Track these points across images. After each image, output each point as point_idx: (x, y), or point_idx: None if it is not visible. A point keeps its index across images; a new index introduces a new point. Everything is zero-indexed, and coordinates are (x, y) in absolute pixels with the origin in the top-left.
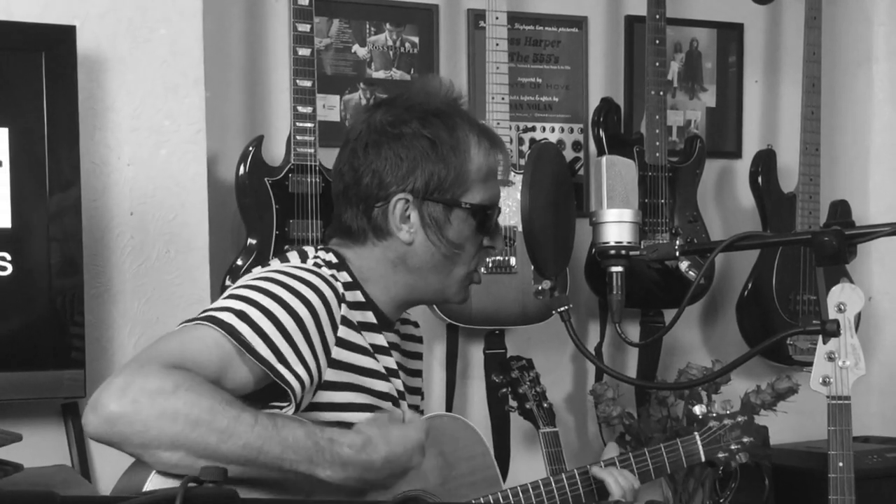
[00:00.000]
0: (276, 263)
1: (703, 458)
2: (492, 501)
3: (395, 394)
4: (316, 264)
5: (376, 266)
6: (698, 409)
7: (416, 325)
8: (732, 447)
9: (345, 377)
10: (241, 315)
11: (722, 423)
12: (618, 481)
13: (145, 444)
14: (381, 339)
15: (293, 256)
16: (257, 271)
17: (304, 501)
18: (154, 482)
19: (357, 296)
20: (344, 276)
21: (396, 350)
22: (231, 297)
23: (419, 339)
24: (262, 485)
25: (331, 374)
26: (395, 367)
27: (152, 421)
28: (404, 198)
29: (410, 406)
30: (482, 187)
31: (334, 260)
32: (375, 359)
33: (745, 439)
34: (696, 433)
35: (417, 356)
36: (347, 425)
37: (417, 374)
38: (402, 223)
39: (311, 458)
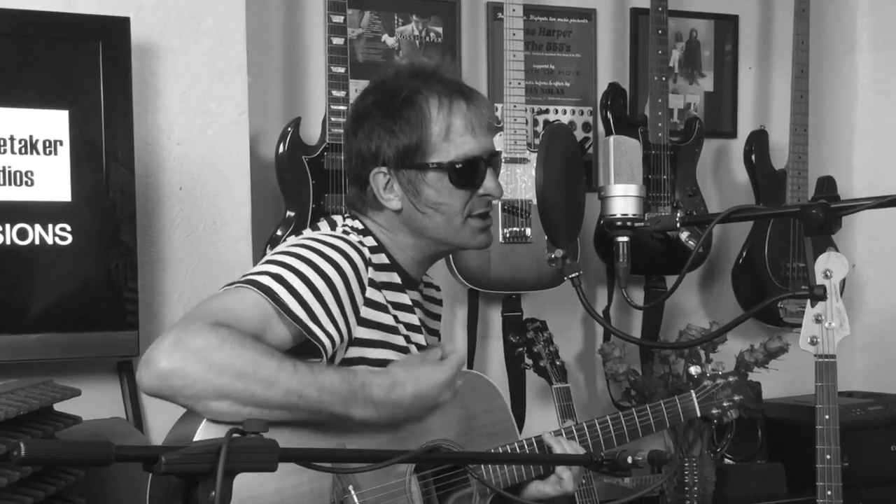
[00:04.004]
0: (308, 232)
1: (698, 414)
2: (508, 450)
3: (415, 350)
4: (345, 231)
5: (387, 232)
6: (694, 370)
7: (437, 288)
8: (725, 404)
9: (376, 335)
10: (278, 278)
11: (715, 383)
12: (564, 448)
13: (195, 396)
14: (405, 298)
15: (323, 225)
16: (291, 240)
17: (337, 451)
18: (204, 432)
19: (382, 258)
20: (370, 241)
21: (419, 308)
22: (269, 262)
23: (439, 302)
24: (302, 429)
25: (363, 333)
26: (417, 323)
27: (201, 374)
28: (381, 171)
29: None
30: (448, 146)
31: (360, 226)
32: (395, 316)
33: (736, 397)
34: (692, 391)
35: (437, 317)
36: None
37: (435, 333)
38: (388, 193)
39: (346, 400)
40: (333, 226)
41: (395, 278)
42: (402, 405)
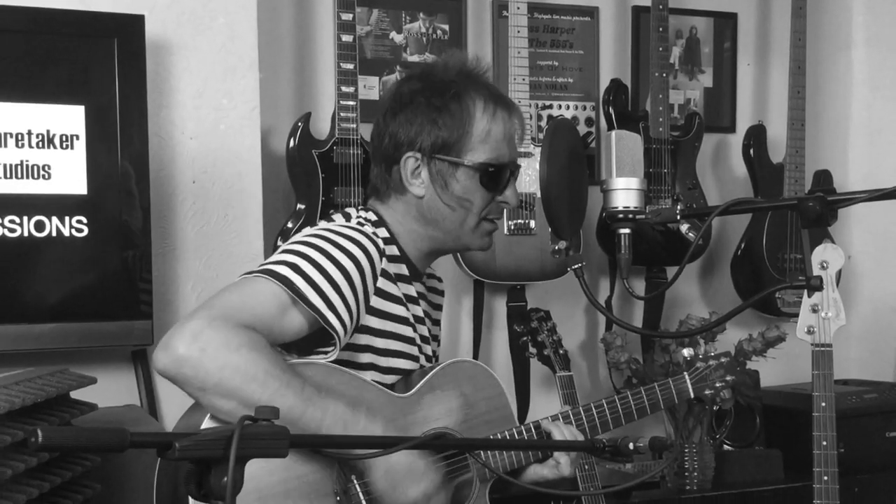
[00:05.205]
0: (323, 223)
1: (692, 395)
2: (507, 436)
3: (419, 340)
4: (359, 223)
5: (403, 220)
6: (687, 352)
7: (439, 280)
8: (717, 385)
9: (386, 325)
10: (294, 267)
11: (708, 364)
12: (563, 433)
13: (204, 389)
14: (412, 290)
15: (338, 217)
16: (307, 230)
17: (344, 438)
18: (210, 422)
19: (393, 250)
20: (382, 232)
21: (423, 300)
22: (285, 252)
23: (441, 293)
24: None
25: (372, 321)
26: (422, 315)
27: (214, 370)
28: (413, 156)
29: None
30: (485, 148)
31: (374, 218)
32: (406, 307)
33: (729, 377)
34: (685, 373)
35: (439, 307)
36: (380, 368)
37: (437, 323)
38: (414, 179)
39: (346, 426)
40: (348, 217)
41: (404, 270)
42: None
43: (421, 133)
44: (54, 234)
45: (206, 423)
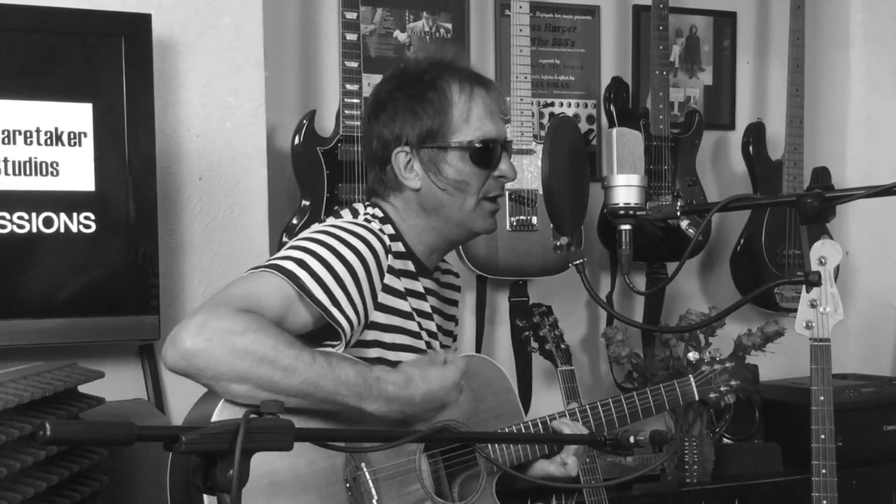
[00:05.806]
0: (331, 219)
1: (696, 398)
2: (514, 431)
3: (426, 336)
4: (366, 219)
5: (405, 216)
6: (692, 356)
7: (456, 275)
8: (722, 389)
9: (393, 320)
10: (301, 263)
11: (713, 368)
12: (572, 430)
13: (217, 377)
14: (418, 286)
15: (346, 213)
16: (315, 226)
17: (350, 430)
18: (221, 413)
19: (399, 246)
20: (388, 229)
21: (433, 296)
22: (292, 247)
23: (457, 289)
24: (315, 416)
25: (380, 317)
26: (429, 310)
27: (223, 357)
28: (403, 150)
29: (443, 347)
30: (468, 127)
31: (380, 214)
32: (408, 302)
33: (733, 382)
34: (690, 376)
35: (454, 303)
36: (389, 362)
37: (452, 318)
38: (408, 173)
39: (360, 394)
40: (355, 214)
41: (410, 266)
42: (413, 402)
43: (405, 127)
44: (62, 230)
45: (217, 414)
